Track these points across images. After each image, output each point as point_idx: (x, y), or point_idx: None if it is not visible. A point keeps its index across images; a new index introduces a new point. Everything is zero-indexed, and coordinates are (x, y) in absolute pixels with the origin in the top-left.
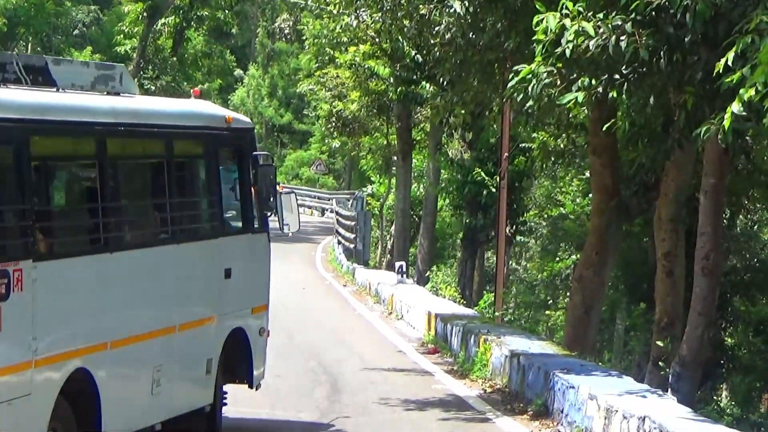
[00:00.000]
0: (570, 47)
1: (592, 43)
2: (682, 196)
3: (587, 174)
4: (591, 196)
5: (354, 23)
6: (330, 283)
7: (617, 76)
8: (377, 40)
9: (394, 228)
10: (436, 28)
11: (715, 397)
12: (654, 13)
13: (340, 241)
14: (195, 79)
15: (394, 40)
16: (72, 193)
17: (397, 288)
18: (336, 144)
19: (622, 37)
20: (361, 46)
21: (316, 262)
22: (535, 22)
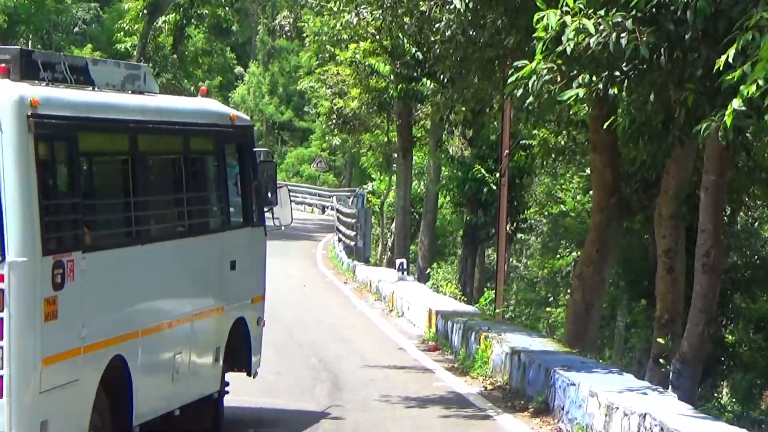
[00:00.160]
0: (571, 45)
1: (592, 40)
2: (683, 193)
3: (588, 171)
4: (591, 193)
5: (354, 20)
6: (330, 281)
7: (618, 73)
8: (378, 38)
9: (394, 225)
10: (437, 25)
11: (715, 394)
12: (654, 10)
13: (340, 239)
14: (195, 77)
15: (395, 37)
16: (110, 186)
17: (397, 285)
18: (336, 141)
19: (623, 34)
20: (361, 43)
21: (317, 260)
22: (535, 19)
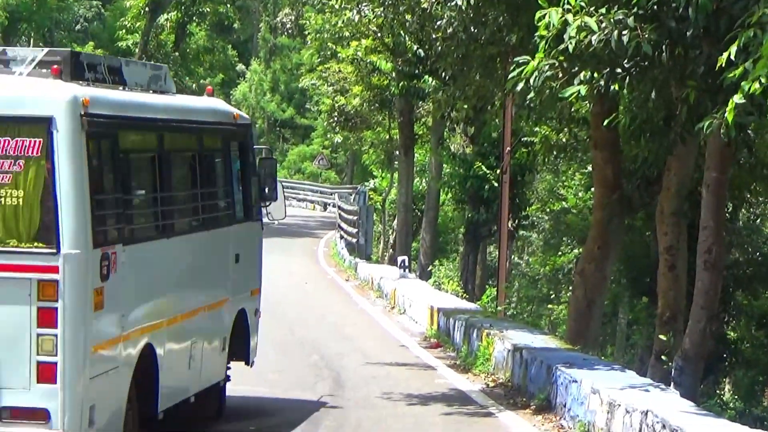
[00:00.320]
0: (572, 43)
1: (594, 37)
2: (684, 190)
3: (589, 168)
4: (593, 190)
5: (356, 18)
6: (332, 278)
7: (619, 70)
8: (379, 35)
9: (396, 222)
10: (438, 23)
11: (717, 391)
12: (656, 7)
13: (342, 236)
14: (197, 74)
15: (396, 34)
16: (142, 182)
17: (399, 282)
18: (338, 139)
19: (625, 32)
20: (363, 40)
21: (319, 257)
22: (537, 17)
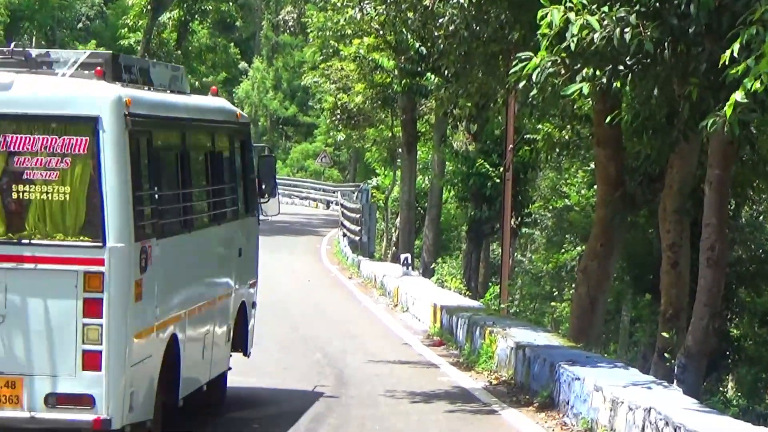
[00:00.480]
0: (574, 41)
1: (596, 35)
2: (687, 187)
3: (592, 165)
4: (596, 187)
5: (358, 16)
6: (335, 276)
7: (622, 68)
8: (381, 33)
9: (399, 220)
10: (440, 20)
11: (720, 388)
12: (658, 4)
13: (345, 234)
14: (199, 73)
15: (399, 32)
16: (170, 178)
17: (402, 280)
18: (341, 136)
19: (627, 29)
20: (365, 38)
21: (322, 255)
22: (539, 16)
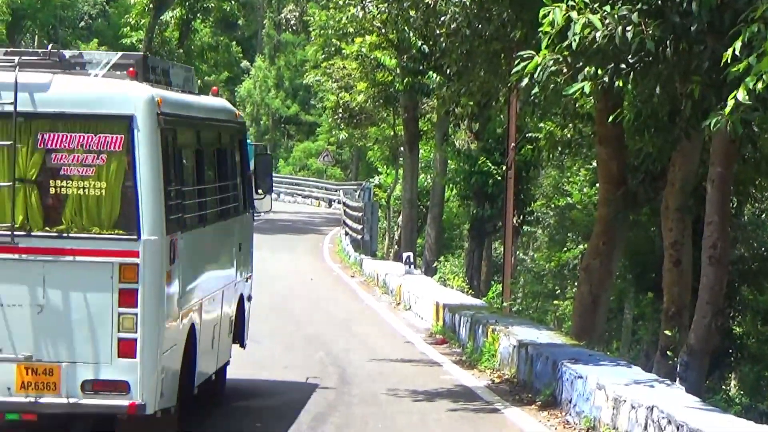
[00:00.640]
0: (576, 39)
1: (598, 34)
2: (689, 185)
3: (594, 164)
4: (598, 185)
5: (360, 14)
6: (338, 274)
7: (623, 66)
8: (383, 31)
9: (401, 219)
10: (442, 18)
11: (723, 387)
12: (660, 2)
13: (347, 232)
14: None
15: (400, 30)
16: (190, 174)
17: (404, 279)
18: (343, 135)
19: (628, 28)
20: (367, 37)
21: (324, 253)
22: (541, 14)
